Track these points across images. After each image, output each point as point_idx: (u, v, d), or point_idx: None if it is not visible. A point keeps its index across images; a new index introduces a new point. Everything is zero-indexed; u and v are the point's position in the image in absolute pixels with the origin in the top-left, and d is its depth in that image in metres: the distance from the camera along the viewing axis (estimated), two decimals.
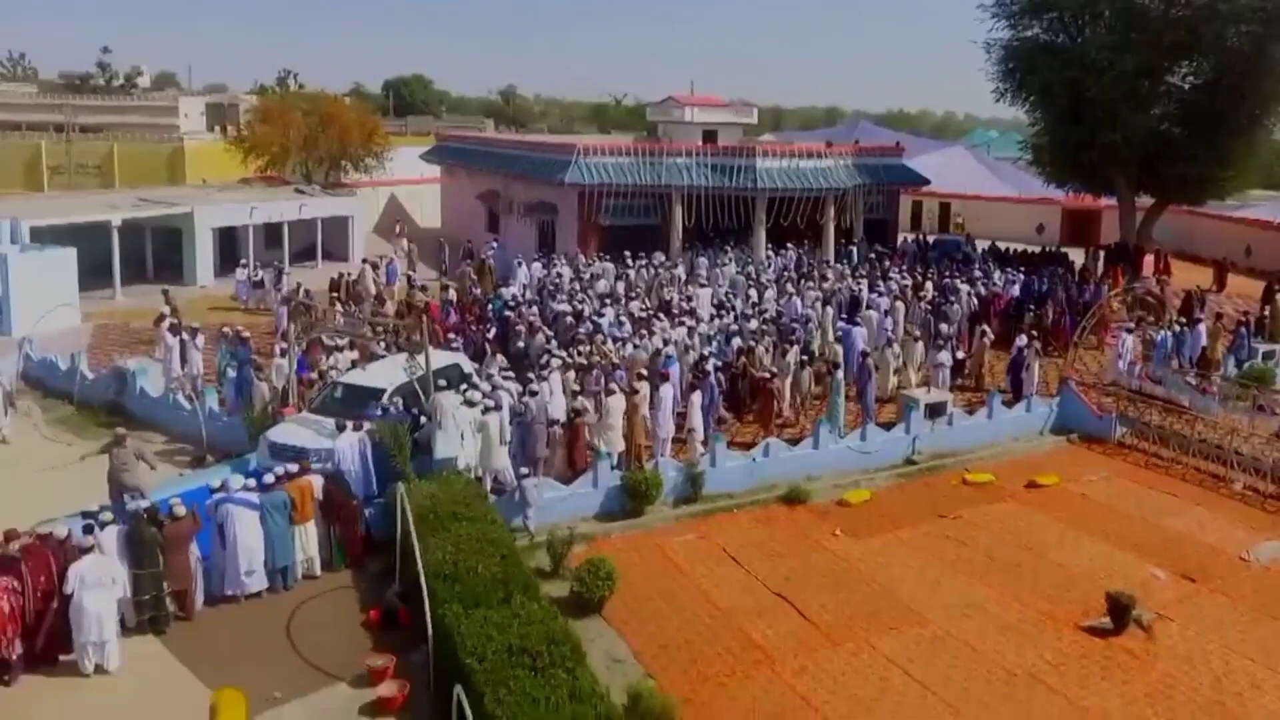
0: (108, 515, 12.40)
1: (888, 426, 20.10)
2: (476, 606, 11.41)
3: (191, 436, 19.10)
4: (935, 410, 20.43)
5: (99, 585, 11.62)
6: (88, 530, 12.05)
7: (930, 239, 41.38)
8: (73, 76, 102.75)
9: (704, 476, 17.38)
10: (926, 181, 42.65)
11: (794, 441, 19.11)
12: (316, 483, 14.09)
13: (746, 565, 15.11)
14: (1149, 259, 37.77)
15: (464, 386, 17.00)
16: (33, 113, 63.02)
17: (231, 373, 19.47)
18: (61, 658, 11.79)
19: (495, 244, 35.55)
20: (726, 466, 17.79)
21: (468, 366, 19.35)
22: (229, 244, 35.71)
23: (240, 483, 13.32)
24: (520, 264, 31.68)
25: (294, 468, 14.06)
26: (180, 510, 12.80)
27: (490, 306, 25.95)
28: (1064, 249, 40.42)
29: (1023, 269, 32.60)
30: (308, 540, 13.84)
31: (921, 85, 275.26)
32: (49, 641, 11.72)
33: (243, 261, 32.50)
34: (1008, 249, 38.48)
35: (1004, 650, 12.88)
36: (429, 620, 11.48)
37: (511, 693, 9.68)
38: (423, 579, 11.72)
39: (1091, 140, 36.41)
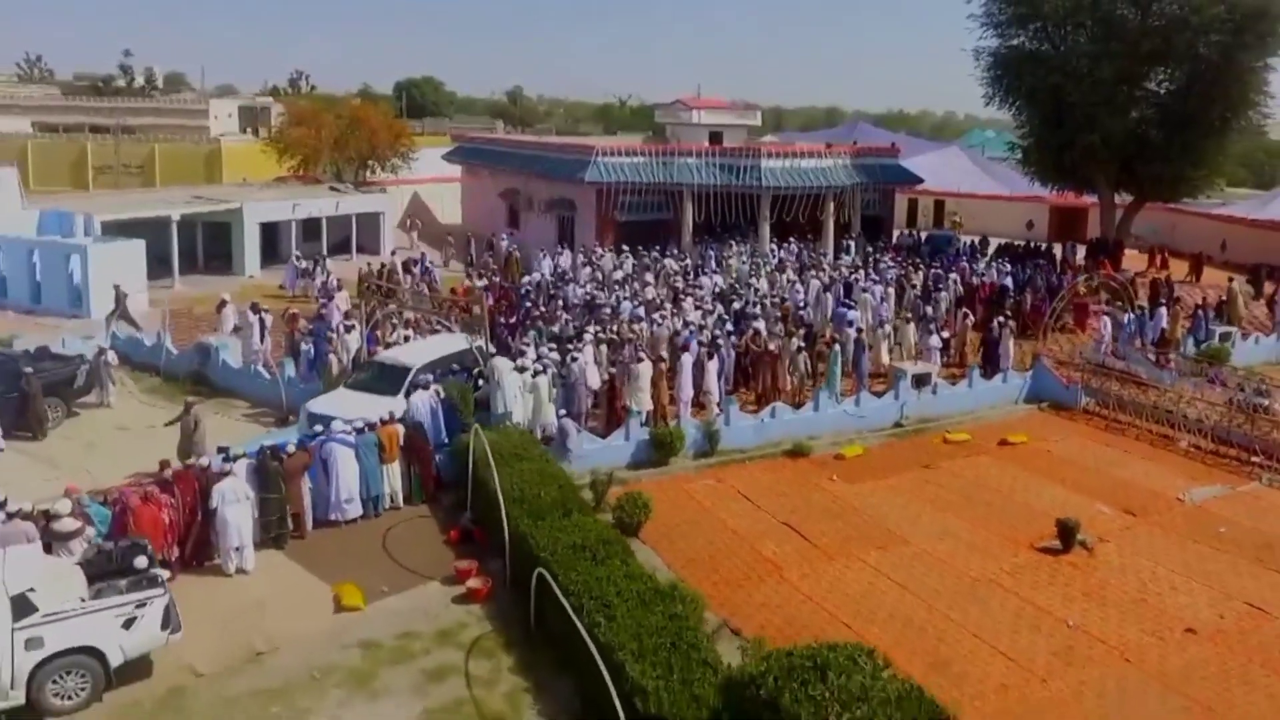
0: (238, 449, 15.21)
1: (879, 395, 22.92)
2: (543, 519, 14.23)
3: (270, 402, 21.91)
4: (921, 380, 23.23)
5: (236, 502, 14.43)
6: (225, 460, 14.86)
7: (924, 234, 44.16)
8: (89, 78, 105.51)
9: (719, 434, 20.19)
10: (920, 180, 45.37)
11: (797, 406, 21.93)
12: (400, 430, 16.90)
13: (757, 502, 17.90)
14: (1144, 255, 40.46)
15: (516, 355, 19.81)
16: (61, 114, 65.60)
17: (307, 346, 22.24)
18: (207, 563, 14.58)
19: (507, 235, 38.51)
20: (739, 426, 20.62)
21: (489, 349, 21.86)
22: (270, 238, 38.49)
23: (342, 425, 16.12)
24: (545, 256, 34.53)
25: (386, 416, 16.86)
26: (294, 448, 15.62)
27: (520, 293, 28.81)
28: (1052, 244, 43.17)
29: (1009, 261, 35.38)
30: (393, 476, 16.66)
31: (922, 86, 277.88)
32: (196, 549, 14.52)
33: (296, 254, 35.23)
34: (999, 244, 41.23)
35: (970, 563, 15.67)
36: (505, 530, 14.28)
37: (580, 574, 12.47)
38: (500, 498, 14.51)
39: (1073, 142, 39.05)
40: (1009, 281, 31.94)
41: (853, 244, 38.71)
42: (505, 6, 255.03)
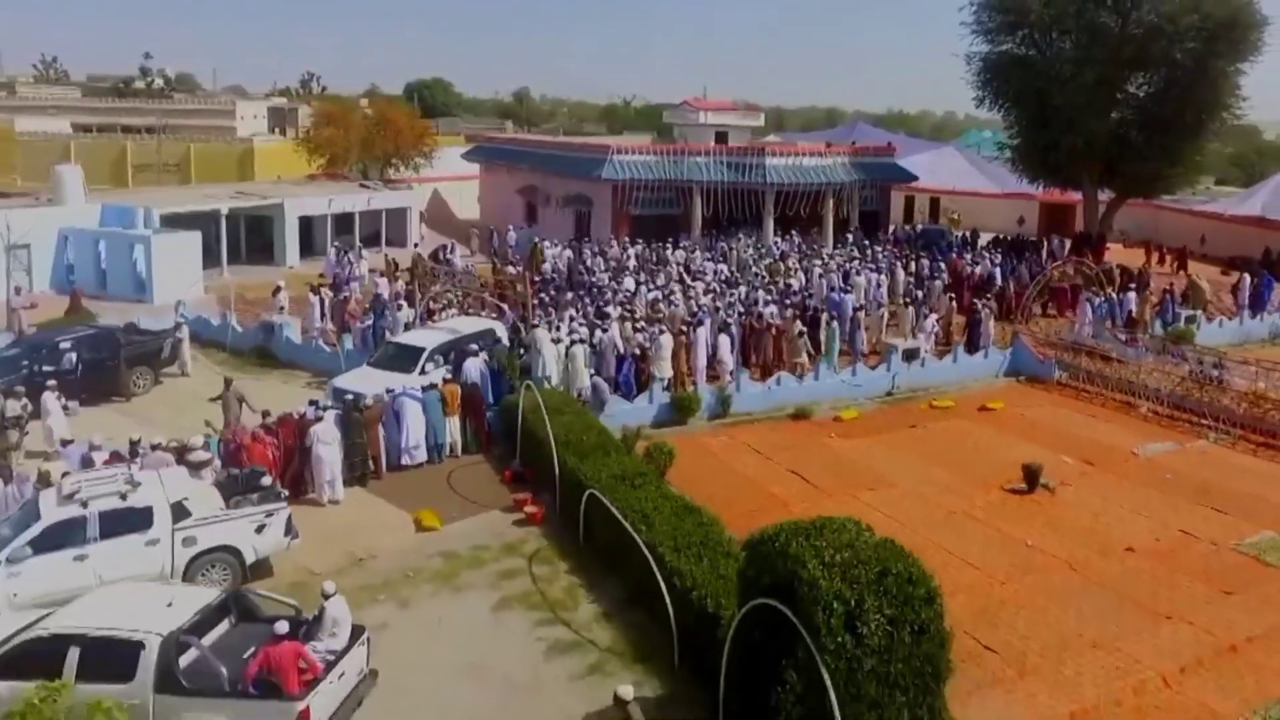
0: (327, 402, 17.94)
1: (873, 367, 25.65)
2: (586, 458, 16.95)
3: (329, 371, 24.56)
4: (910, 354, 25.96)
5: (328, 444, 17.16)
6: (316, 410, 17.59)
7: (919, 228, 46.87)
8: (101, 79, 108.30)
9: (731, 399, 22.93)
10: (914, 178, 48.10)
11: (800, 376, 24.66)
12: (458, 389, 19.63)
13: (766, 454, 20.61)
14: (1128, 249, 43.14)
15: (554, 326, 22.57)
16: (97, 115, 68.30)
17: (365, 322, 24.98)
18: (302, 496, 17.29)
19: (519, 229, 41.43)
20: (748, 392, 23.35)
21: (500, 331, 23.99)
22: (306, 231, 41.20)
23: (415, 383, 18.86)
24: (560, 247, 37.33)
25: (447, 376, 19.60)
26: (371, 401, 18.36)
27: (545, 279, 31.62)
28: (1041, 238, 45.83)
29: (997, 252, 38.10)
30: (454, 428, 19.39)
31: (922, 86, 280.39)
32: (293, 483, 17.22)
33: (335, 244, 37.97)
34: (988, 237, 43.94)
35: (948, 500, 18.38)
36: (556, 466, 17.01)
37: (621, 496, 15.19)
38: (551, 440, 17.23)
39: (1058, 142, 41.73)
40: (996, 271, 34.66)
41: (850, 237, 41.41)
42: (507, 8, 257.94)
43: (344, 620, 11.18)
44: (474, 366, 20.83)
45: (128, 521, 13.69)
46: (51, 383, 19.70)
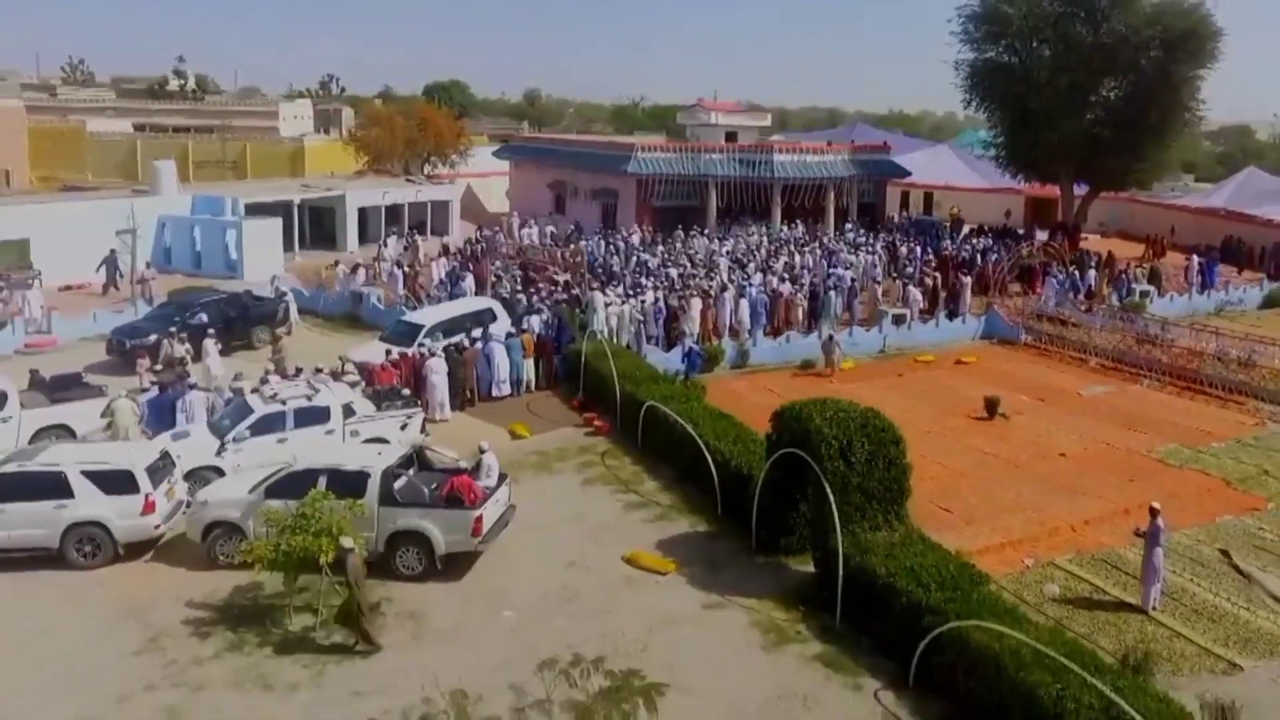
0: (436, 346, 22.85)
1: (868, 330, 30.48)
2: (640, 385, 21.81)
3: None
4: (899, 319, 30.81)
5: (438, 375, 22.02)
6: (429, 351, 22.49)
7: (912, 218, 51.70)
8: (130, 80, 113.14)
9: (749, 352, 27.78)
10: (908, 173, 52.94)
11: (805, 335, 29.51)
12: (532, 337, 24.49)
13: (778, 392, 25.39)
14: (1106, 240, 47.90)
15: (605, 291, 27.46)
16: (149, 116, 73.21)
17: (445, 291, 29.88)
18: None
19: (542, 220, 46.72)
20: (763, 347, 28.22)
21: (497, 310, 27.33)
22: (360, 221, 46.01)
23: (503, 332, 23.65)
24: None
25: (525, 327, 24.50)
26: (468, 344, 23.25)
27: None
28: (1027, 229, 50.67)
29: (981, 239, 42.91)
30: (530, 368, 24.24)
31: (924, 87, 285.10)
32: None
33: (393, 230, 42.90)
34: (971, 227, 48.79)
35: (925, 424, 23.10)
36: (618, 390, 21.85)
37: (673, 408, 20.02)
38: (614, 371, 22.08)
39: (1037, 141, 46.46)
40: (978, 254, 39.46)
41: (849, 225, 46.23)
42: (512, 11, 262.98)
43: (495, 467, 16.06)
44: (539, 322, 25.71)
45: (313, 416, 18.68)
46: (211, 330, 24.64)
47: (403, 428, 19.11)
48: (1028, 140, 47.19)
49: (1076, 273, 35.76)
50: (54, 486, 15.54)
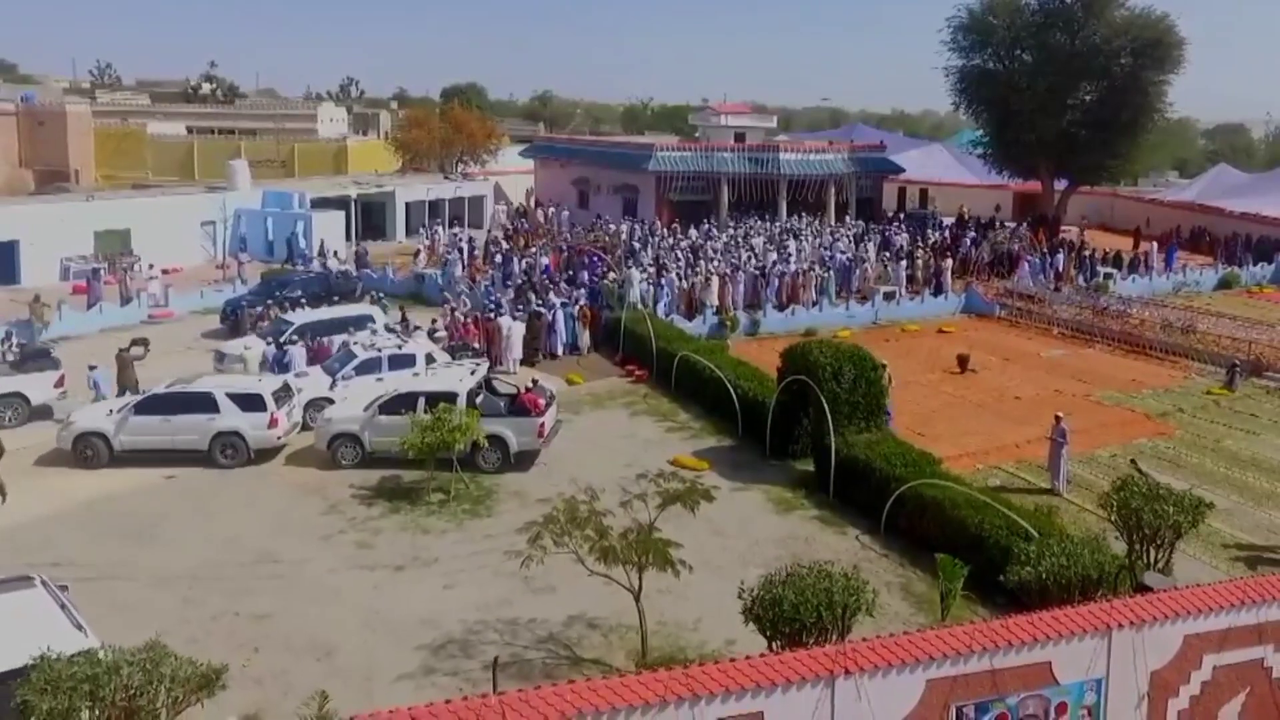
0: (505, 308, 27.79)
1: (862, 304, 35.34)
2: (672, 341, 26.70)
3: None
4: (889, 296, 35.68)
5: (515, 335, 26.94)
6: (504, 312, 27.44)
7: (907, 212, 56.57)
8: (156, 84, 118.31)
9: (761, 322, 32.67)
10: (902, 170, 57.75)
11: (808, 308, 34.39)
12: (588, 310, 29.41)
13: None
14: (1089, 232, 52.70)
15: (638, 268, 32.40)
16: (198, 119, 78.17)
17: (496, 271, 34.79)
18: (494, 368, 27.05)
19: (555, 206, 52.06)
20: (772, 317, 33.11)
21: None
22: (405, 214, 50.97)
23: (560, 299, 28.45)
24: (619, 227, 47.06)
25: (582, 300, 29.42)
26: (541, 310, 28.21)
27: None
28: (1017, 221, 55.35)
29: (965, 228, 47.70)
30: (584, 333, 29.13)
31: (926, 88, 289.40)
32: (490, 359, 26.95)
33: (439, 222, 47.85)
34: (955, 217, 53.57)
35: (908, 376, 27.87)
36: (654, 346, 26.72)
37: (702, 357, 24.88)
38: (651, 332, 26.96)
39: (1018, 139, 51.34)
40: (965, 241, 44.29)
41: (848, 218, 51.06)
42: (516, 13, 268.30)
43: (549, 390, 21.06)
44: (582, 296, 30.65)
45: (403, 361, 23.72)
46: (303, 302, 29.62)
47: (472, 372, 23.79)
48: (1011, 139, 52.04)
49: (1048, 257, 40.58)
50: (205, 403, 20.60)
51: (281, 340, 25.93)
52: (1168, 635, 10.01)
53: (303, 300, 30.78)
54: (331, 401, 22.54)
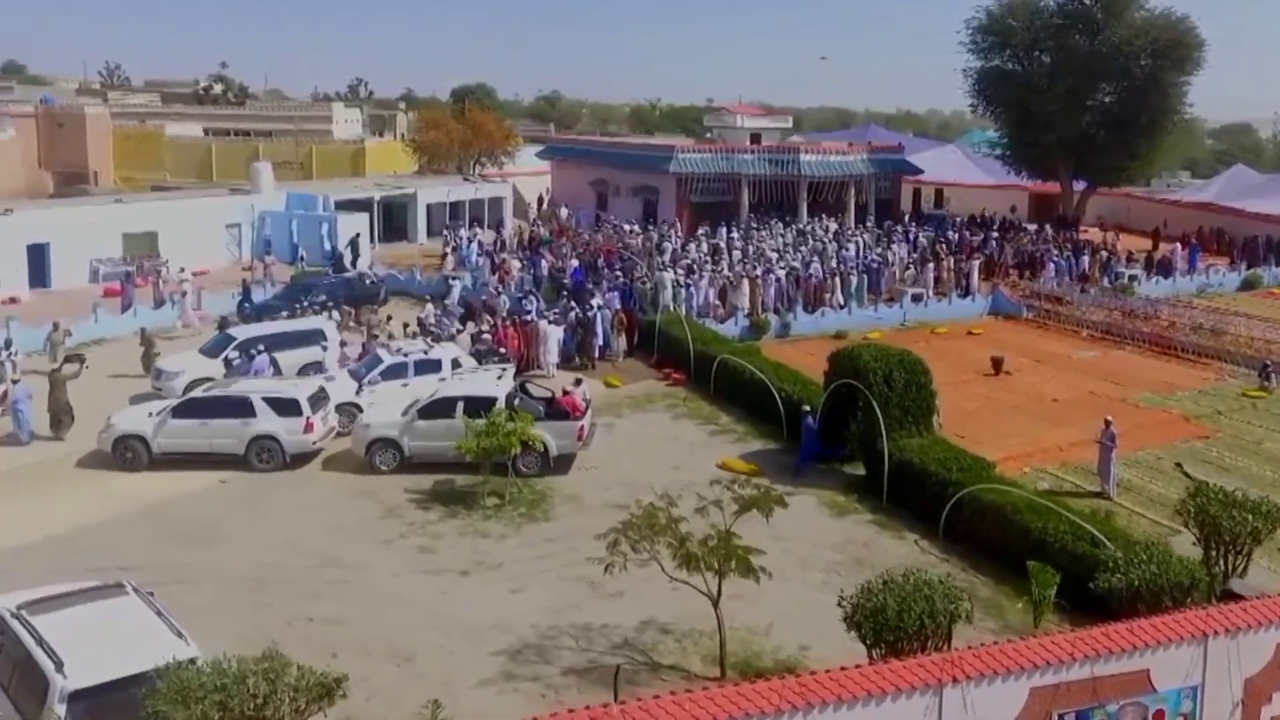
0: (553, 316, 27.89)
1: (890, 306, 35.42)
2: (709, 344, 26.77)
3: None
4: (917, 297, 35.75)
5: (552, 339, 27.02)
6: (545, 317, 27.55)
7: (924, 213, 56.67)
8: (163, 85, 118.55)
9: (791, 324, 32.75)
10: (920, 172, 57.81)
11: (837, 310, 34.46)
12: (624, 315, 29.49)
13: (817, 355, 30.30)
14: (1104, 232, 52.77)
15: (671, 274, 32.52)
16: (214, 120, 78.31)
17: (525, 274, 34.90)
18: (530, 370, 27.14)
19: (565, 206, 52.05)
20: (802, 319, 33.18)
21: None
22: (426, 215, 51.04)
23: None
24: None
25: (615, 304, 29.49)
26: (590, 313, 28.33)
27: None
28: (1039, 223, 55.37)
29: (989, 230, 47.78)
30: (620, 337, 29.20)
31: (928, 88, 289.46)
32: (527, 362, 27.05)
33: (460, 222, 47.98)
34: (980, 219, 53.65)
35: (942, 377, 27.39)
36: (691, 349, 26.79)
37: (742, 359, 24.96)
38: (689, 335, 27.04)
39: (1037, 140, 51.39)
40: (987, 241, 44.36)
41: (869, 220, 51.10)
42: (520, 15, 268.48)
43: (587, 393, 21.19)
44: (615, 299, 30.70)
45: (429, 367, 23.85)
46: (329, 305, 29.73)
47: (499, 377, 23.68)
48: (1029, 140, 52.11)
49: (1073, 259, 40.64)
50: (242, 407, 20.68)
51: (226, 357, 24.81)
52: (1262, 642, 10.09)
53: (329, 304, 30.83)
54: (358, 406, 22.61)
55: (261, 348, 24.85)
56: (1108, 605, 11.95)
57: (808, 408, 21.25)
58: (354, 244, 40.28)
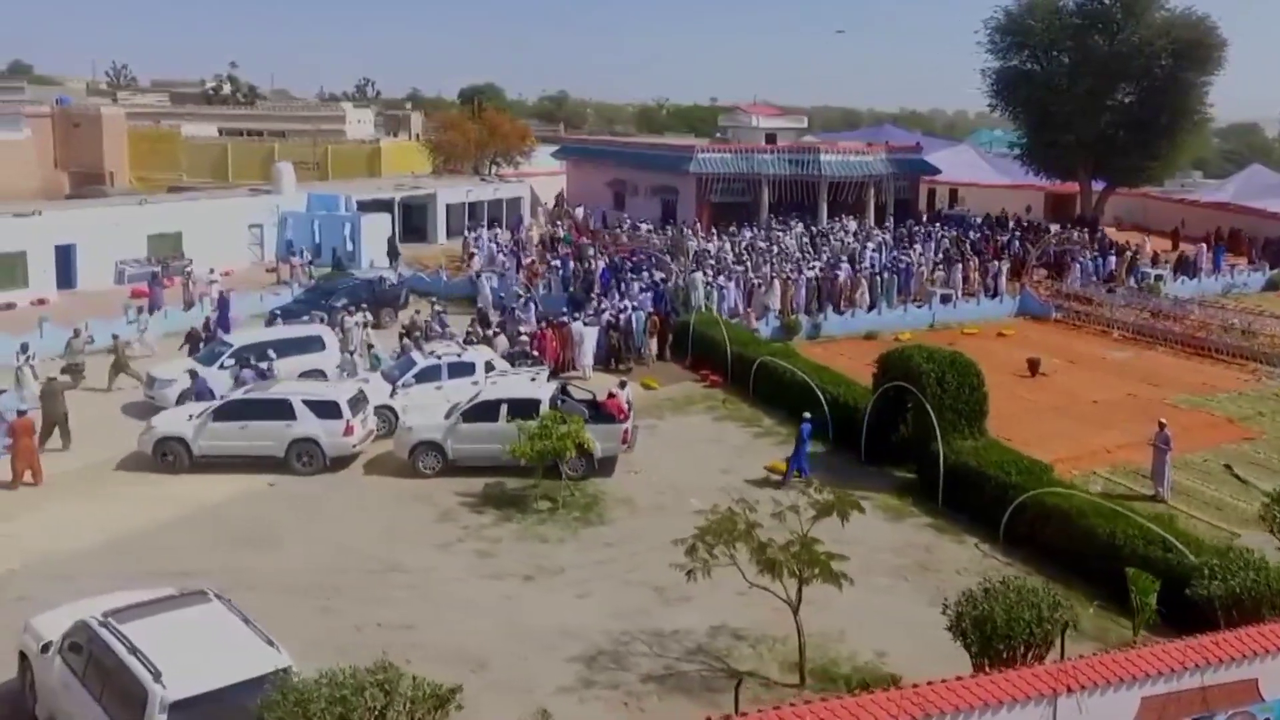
0: (588, 317, 27.77)
1: (919, 307, 35.31)
2: (747, 345, 26.66)
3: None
4: (945, 298, 35.65)
5: (588, 341, 26.91)
6: (580, 320, 27.43)
7: (942, 213, 56.55)
8: (179, 85, 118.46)
9: (821, 325, 32.64)
10: (938, 172, 57.69)
11: (868, 311, 34.34)
12: (657, 319, 29.37)
13: (850, 356, 30.25)
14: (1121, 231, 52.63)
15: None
16: (226, 120, 78.18)
17: (550, 277, 34.78)
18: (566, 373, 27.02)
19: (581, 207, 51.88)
20: (832, 320, 33.08)
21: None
22: (446, 216, 50.93)
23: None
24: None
25: (647, 305, 29.38)
26: (621, 318, 28.21)
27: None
28: (1061, 223, 55.24)
29: (1015, 231, 47.70)
30: (652, 339, 29.08)
31: (931, 87, 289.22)
32: (562, 364, 26.95)
33: (482, 224, 47.85)
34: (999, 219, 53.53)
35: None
36: (728, 350, 26.69)
37: (781, 364, 24.84)
38: (725, 336, 26.92)
39: (1055, 141, 51.27)
40: (1011, 242, 44.28)
41: (890, 221, 50.99)
42: (524, 16, 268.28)
43: (629, 396, 21.13)
44: (648, 299, 30.59)
45: (462, 369, 23.75)
46: (350, 308, 29.61)
47: (533, 379, 23.51)
48: (1048, 140, 52.00)
49: (1099, 259, 40.53)
50: (282, 410, 20.56)
51: (221, 365, 24.22)
52: None
53: (350, 307, 30.64)
54: (392, 409, 22.52)
55: (272, 354, 24.74)
56: (1201, 612, 11.83)
57: (808, 415, 20.98)
58: (392, 244, 40.31)
